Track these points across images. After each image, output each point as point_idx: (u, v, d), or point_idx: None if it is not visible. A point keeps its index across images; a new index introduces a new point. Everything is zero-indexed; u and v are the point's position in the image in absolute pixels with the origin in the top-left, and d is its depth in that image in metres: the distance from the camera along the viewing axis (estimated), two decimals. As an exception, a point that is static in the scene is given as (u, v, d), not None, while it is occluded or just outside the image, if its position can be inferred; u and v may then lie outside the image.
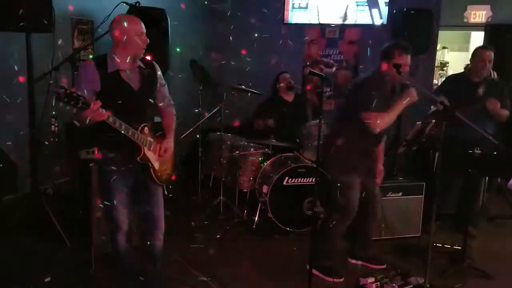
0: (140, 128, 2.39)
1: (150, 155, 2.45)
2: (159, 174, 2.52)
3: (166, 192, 2.63)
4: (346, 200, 3.06)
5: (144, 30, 2.40)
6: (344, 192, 3.05)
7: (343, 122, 3.11)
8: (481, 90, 3.69)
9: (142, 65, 2.45)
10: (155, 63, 2.57)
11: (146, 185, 2.52)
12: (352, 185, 3.05)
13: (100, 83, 2.30)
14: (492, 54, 3.70)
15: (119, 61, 2.35)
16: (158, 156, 2.50)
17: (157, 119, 2.66)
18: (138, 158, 2.40)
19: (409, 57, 2.94)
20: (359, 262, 3.36)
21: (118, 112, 2.25)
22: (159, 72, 2.58)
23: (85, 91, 2.21)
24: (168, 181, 2.62)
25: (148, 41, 2.40)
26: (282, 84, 4.53)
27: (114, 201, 2.40)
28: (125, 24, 2.32)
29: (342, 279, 3.11)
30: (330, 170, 3.20)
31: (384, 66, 2.96)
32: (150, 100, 2.51)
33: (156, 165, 2.50)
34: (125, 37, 2.31)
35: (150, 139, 2.46)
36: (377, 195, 3.26)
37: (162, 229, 2.60)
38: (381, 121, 2.87)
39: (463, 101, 3.47)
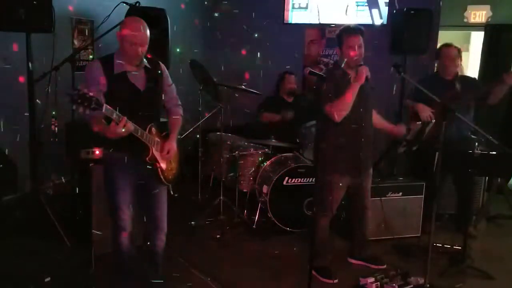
0: (147, 128, 2.40)
1: (157, 155, 2.46)
2: (165, 174, 2.52)
3: (172, 192, 2.63)
4: (324, 198, 3.04)
5: (143, 41, 2.32)
6: (322, 189, 3.01)
7: (318, 121, 3.16)
8: (458, 86, 3.68)
9: (148, 65, 2.45)
10: (161, 63, 2.57)
11: (151, 186, 2.52)
12: (330, 183, 3.00)
13: (107, 84, 2.30)
14: (456, 51, 3.75)
15: (123, 62, 2.35)
16: (164, 156, 2.51)
17: (163, 119, 2.66)
18: (146, 158, 2.41)
19: (358, 37, 2.93)
20: (359, 262, 3.36)
21: (124, 113, 2.25)
22: (166, 72, 2.58)
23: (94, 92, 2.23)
24: (174, 181, 2.63)
25: (141, 53, 2.34)
26: (286, 86, 4.52)
27: (120, 202, 2.41)
28: (123, 29, 2.32)
29: (334, 281, 3.06)
30: (315, 167, 3.21)
31: (338, 52, 3.03)
32: (157, 100, 2.51)
33: (163, 165, 2.51)
34: (120, 42, 2.33)
35: (157, 139, 2.46)
36: (367, 195, 3.23)
37: (165, 230, 2.61)
38: (336, 108, 2.84)
39: (444, 98, 3.44)
